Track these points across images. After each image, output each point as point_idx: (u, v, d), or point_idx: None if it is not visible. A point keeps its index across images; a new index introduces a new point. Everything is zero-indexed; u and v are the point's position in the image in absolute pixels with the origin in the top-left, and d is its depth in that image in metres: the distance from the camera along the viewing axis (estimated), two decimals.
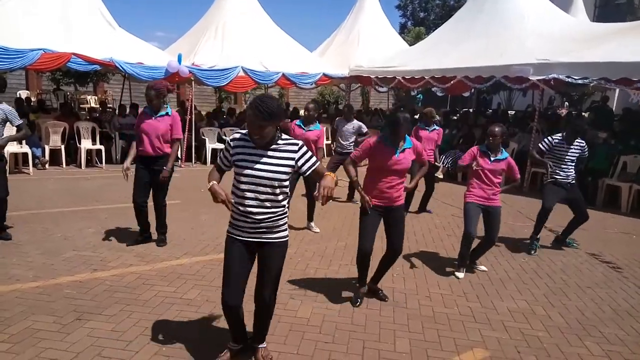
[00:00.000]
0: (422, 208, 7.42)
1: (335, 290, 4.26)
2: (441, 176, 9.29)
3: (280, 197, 2.79)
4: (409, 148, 3.91)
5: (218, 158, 2.86)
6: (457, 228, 6.31)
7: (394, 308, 3.98)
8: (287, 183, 2.78)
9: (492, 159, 4.67)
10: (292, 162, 2.74)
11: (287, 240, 2.91)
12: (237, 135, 2.79)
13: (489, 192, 4.70)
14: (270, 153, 2.72)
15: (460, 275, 4.73)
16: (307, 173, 2.80)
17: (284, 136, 2.77)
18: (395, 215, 3.94)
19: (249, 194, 2.72)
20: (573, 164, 5.59)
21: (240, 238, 2.82)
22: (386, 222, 3.96)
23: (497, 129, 4.67)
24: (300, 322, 3.64)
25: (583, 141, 5.67)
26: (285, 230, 2.89)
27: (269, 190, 2.72)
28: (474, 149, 4.81)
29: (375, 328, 3.62)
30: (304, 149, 2.79)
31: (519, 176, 4.89)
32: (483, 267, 5.00)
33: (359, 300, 4.02)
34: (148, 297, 3.94)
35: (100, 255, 4.86)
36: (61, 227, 5.72)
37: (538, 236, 5.69)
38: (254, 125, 2.62)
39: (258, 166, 2.69)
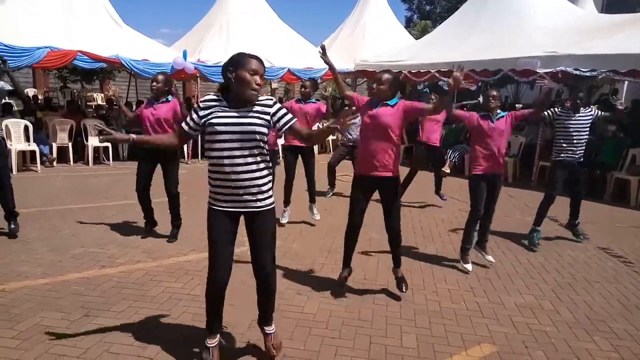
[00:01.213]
0: (437, 191, 7.46)
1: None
2: (448, 171, 9.24)
3: (261, 157, 2.71)
4: (392, 105, 3.71)
5: (184, 123, 2.76)
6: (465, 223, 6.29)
7: (401, 303, 3.98)
8: (267, 139, 2.71)
9: (494, 120, 4.64)
10: (267, 117, 2.69)
11: (274, 207, 2.84)
12: (208, 97, 2.71)
13: (495, 158, 4.63)
14: (245, 109, 2.66)
15: (469, 267, 4.67)
16: (284, 129, 2.74)
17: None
18: (388, 188, 3.81)
19: (228, 153, 2.64)
20: (583, 138, 5.48)
21: (223, 209, 2.74)
22: (381, 197, 3.91)
23: (495, 92, 4.69)
24: (306, 318, 3.64)
25: (590, 107, 5.59)
26: (272, 197, 2.82)
27: (248, 145, 2.64)
28: (474, 115, 4.74)
29: (382, 323, 3.62)
30: (278, 105, 2.75)
31: (528, 111, 4.88)
32: (491, 258, 4.94)
33: (343, 286, 4.07)
34: (155, 293, 3.96)
35: (108, 252, 4.89)
36: (69, 224, 5.76)
37: (539, 227, 5.62)
38: (260, 71, 2.62)
39: (235, 120, 2.63)
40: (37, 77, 19.09)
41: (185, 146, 10.90)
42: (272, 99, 2.76)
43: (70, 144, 9.85)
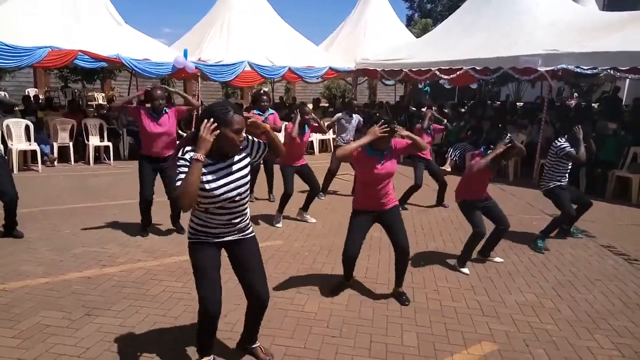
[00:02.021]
0: (440, 202, 7.36)
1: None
2: (449, 169, 9.23)
3: (247, 197, 2.72)
4: (389, 153, 3.77)
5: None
6: (465, 221, 6.26)
7: None
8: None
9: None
10: (248, 159, 2.69)
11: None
12: (188, 149, 2.48)
13: (484, 188, 4.75)
14: (230, 161, 2.60)
15: (466, 270, 4.68)
16: (260, 158, 2.76)
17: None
18: (391, 216, 3.86)
19: (221, 204, 2.59)
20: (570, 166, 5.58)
21: (210, 240, 2.68)
22: (384, 225, 3.90)
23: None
24: (307, 317, 3.64)
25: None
26: (251, 227, 2.86)
27: (242, 197, 2.65)
28: (479, 153, 4.77)
29: (383, 322, 3.62)
30: (249, 137, 2.69)
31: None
32: (499, 259, 4.99)
33: (340, 287, 4.08)
34: (156, 292, 3.96)
35: (109, 251, 4.89)
36: (70, 223, 5.77)
37: (546, 238, 5.54)
38: (242, 127, 2.50)
39: (228, 179, 2.57)
40: (39, 76, 19.11)
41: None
42: (243, 136, 2.61)
43: (71, 144, 9.84)
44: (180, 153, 2.47)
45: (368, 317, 3.68)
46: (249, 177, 2.67)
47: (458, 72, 10.19)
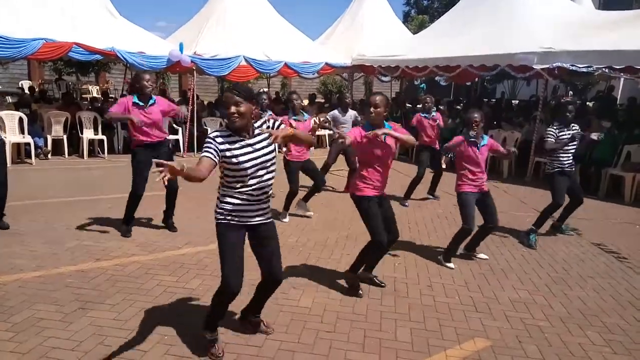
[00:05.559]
0: (432, 192, 7.56)
1: (337, 279, 4.27)
2: (444, 166, 9.24)
3: (272, 179, 2.94)
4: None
5: (208, 153, 2.70)
6: (460, 217, 6.29)
7: (395, 297, 3.99)
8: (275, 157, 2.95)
9: (479, 147, 4.71)
10: (272, 146, 2.90)
11: None
12: (218, 133, 2.78)
13: (480, 180, 4.74)
14: (257, 139, 2.84)
15: (452, 265, 4.70)
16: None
17: (258, 122, 2.93)
18: (386, 201, 4.01)
19: (256, 181, 2.82)
20: (574, 147, 5.52)
21: (241, 223, 2.88)
22: (383, 210, 3.94)
23: (477, 115, 4.68)
24: (301, 312, 3.65)
25: (576, 124, 5.61)
26: (271, 213, 3.07)
27: (270, 172, 2.88)
28: (460, 139, 4.78)
29: (377, 317, 3.63)
30: (277, 122, 2.96)
31: (503, 149, 5.01)
32: (483, 255, 5.00)
33: (360, 290, 4.01)
34: (150, 286, 3.96)
35: (103, 244, 4.87)
36: (64, 217, 5.74)
37: (537, 229, 5.59)
38: (230, 102, 2.70)
39: (256, 154, 2.81)
40: (32, 68, 18.94)
41: (181, 138, 10.88)
42: (269, 120, 2.97)
43: (65, 137, 9.78)
44: (212, 135, 2.79)
45: (362, 312, 3.69)
46: (274, 158, 2.90)
47: (457, 71, 10.20)
